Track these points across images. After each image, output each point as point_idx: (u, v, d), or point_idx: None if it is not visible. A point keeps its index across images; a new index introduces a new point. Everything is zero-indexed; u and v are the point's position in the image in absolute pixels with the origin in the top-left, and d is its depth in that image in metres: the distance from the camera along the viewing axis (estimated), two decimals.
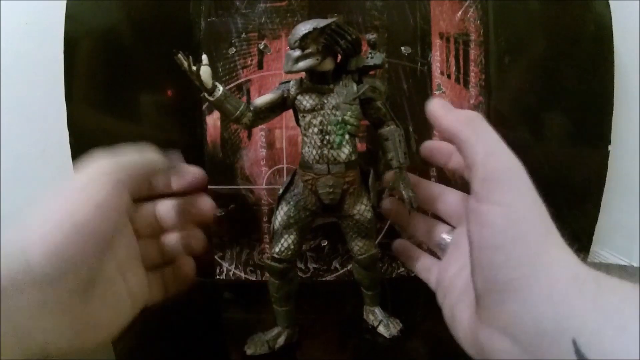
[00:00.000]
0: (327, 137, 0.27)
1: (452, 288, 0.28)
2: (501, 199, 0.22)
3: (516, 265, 0.21)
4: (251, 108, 0.28)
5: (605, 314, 0.19)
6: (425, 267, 0.31)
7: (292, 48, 0.26)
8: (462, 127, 0.24)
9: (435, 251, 0.31)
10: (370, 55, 0.28)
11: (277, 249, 0.30)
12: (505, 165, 0.23)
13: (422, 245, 0.33)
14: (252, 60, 0.42)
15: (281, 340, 0.31)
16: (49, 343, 0.22)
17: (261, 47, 0.42)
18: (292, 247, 0.30)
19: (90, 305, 0.24)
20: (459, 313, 0.26)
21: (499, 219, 0.22)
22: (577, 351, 0.18)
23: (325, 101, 0.28)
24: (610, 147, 0.44)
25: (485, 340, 0.22)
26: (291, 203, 0.29)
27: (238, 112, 0.28)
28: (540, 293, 0.20)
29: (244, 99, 0.42)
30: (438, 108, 0.26)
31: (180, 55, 0.26)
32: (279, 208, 0.30)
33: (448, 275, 0.29)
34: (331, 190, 0.28)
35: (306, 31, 0.25)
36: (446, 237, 0.30)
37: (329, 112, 0.27)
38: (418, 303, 0.40)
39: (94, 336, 0.24)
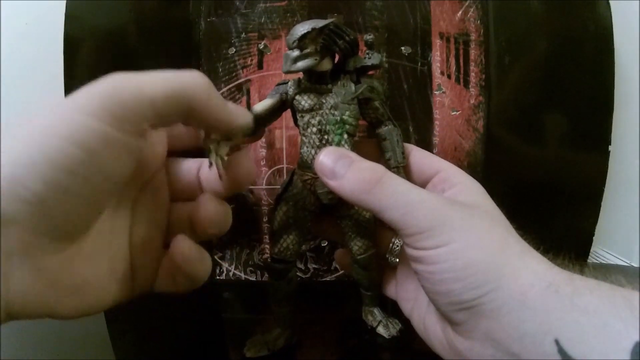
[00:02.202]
0: (325, 136, 0.27)
1: (419, 300, 0.27)
2: (436, 243, 0.22)
3: (477, 287, 0.21)
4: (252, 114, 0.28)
5: (585, 313, 0.19)
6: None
7: (291, 48, 0.26)
8: (366, 196, 0.23)
9: (389, 259, 0.31)
10: (368, 56, 0.28)
11: (276, 249, 0.30)
12: (424, 215, 0.22)
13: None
14: (252, 60, 0.42)
15: (281, 342, 0.31)
16: (14, 302, 0.18)
17: (261, 47, 0.42)
18: (291, 247, 0.30)
19: (73, 262, 0.20)
20: (431, 325, 0.26)
21: (442, 257, 0.22)
22: (561, 350, 0.19)
23: (324, 101, 0.28)
24: (610, 148, 0.44)
25: (465, 351, 0.22)
26: (290, 203, 0.29)
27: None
28: (513, 300, 0.20)
29: (244, 98, 0.42)
30: (329, 169, 0.24)
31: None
32: (278, 208, 0.30)
33: (410, 287, 0.28)
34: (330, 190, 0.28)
35: (304, 31, 0.25)
36: (398, 242, 0.30)
37: (327, 111, 0.27)
38: None
39: (75, 302, 0.20)
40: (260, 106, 0.28)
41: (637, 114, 0.48)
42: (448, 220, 0.22)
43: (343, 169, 0.24)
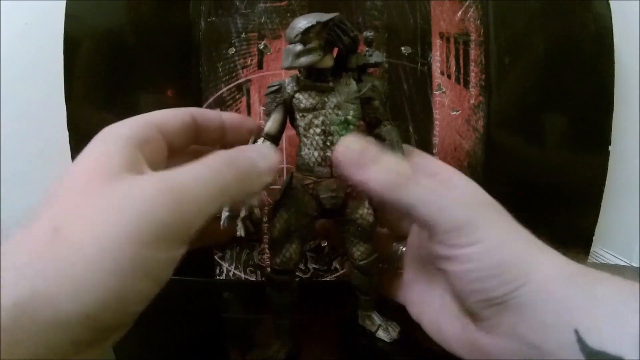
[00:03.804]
0: (330, 137, 0.26)
1: (429, 303, 0.27)
2: (470, 240, 0.22)
3: (510, 282, 0.21)
4: (268, 144, 0.27)
5: (601, 302, 0.20)
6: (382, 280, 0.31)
7: (292, 43, 0.24)
8: (398, 191, 0.23)
9: (389, 262, 0.31)
10: (368, 53, 0.27)
11: (278, 260, 0.28)
12: (458, 214, 0.23)
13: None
14: (252, 60, 0.42)
15: (282, 354, 0.30)
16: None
17: (261, 47, 0.42)
18: (294, 256, 0.28)
19: None
20: (446, 326, 0.26)
21: (477, 255, 0.22)
22: (580, 340, 0.19)
23: (326, 100, 0.26)
24: (610, 148, 0.44)
25: (489, 346, 0.23)
26: (291, 210, 0.28)
27: None
28: (538, 293, 0.21)
29: (244, 99, 0.42)
30: (355, 161, 0.23)
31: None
32: (278, 216, 0.28)
33: (417, 290, 0.28)
34: (334, 194, 0.27)
35: (309, 25, 0.24)
36: (400, 246, 0.30)
37: (330, 111, 0.26)
38: None
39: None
40: (273, 127, 0.27)
41: (637, 114, 0.48)
42: (481, 217, 0.22)
43: (370, 162, 0.23)
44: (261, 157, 0.23)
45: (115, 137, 0.22)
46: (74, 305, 0.17)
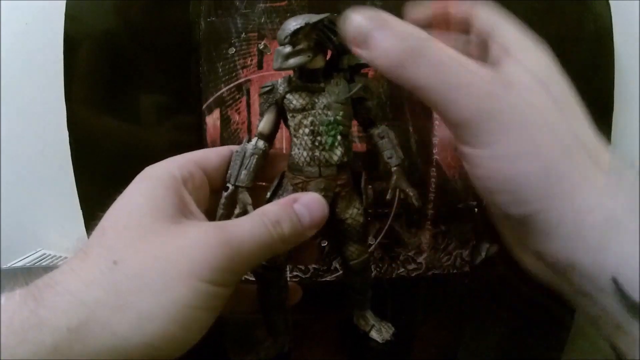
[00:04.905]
0: (318, 138, 0.26)
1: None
2: (479, 141, 0.19)
3: (522, 203, 0.19)
4: (261, 143, 0.28)
5: None
6: None
7: (282, 44, 0.24)
8: (402, 70, 0.19)
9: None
10: None
11: None
12: (468, 104, 0.19)
13: None
14: (251, 60, 0.42)
15: (273, 351, 0.30)
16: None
17: (261, 47, 0.42)
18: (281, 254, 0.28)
19: None
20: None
21: (484, 161, 0.19)
22: (619, 290, 0.17)
23: (316, 100, 0.26)
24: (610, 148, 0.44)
25: (522, 256, 0.22)
26: None
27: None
28: (565, 227, 0.18)
29: (244, 98, 0.42)
30: (362, 34, 0.20)
31: None
32: None
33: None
34: (322, 194, 0.27)
35: (298, 26, 0.24)
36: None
37: (320, 112, 0.26)
38: (418, 303, 0.40)
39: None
40: (266, 126, 0.27)
41: (637, 114, 0.48)
42: (497, 115, 0.18)
43: (377, 28, 0.20)
44: (306, 212, 0.24)
45: (163, 176, 0.23)
46: (136, 333, 0.18)
